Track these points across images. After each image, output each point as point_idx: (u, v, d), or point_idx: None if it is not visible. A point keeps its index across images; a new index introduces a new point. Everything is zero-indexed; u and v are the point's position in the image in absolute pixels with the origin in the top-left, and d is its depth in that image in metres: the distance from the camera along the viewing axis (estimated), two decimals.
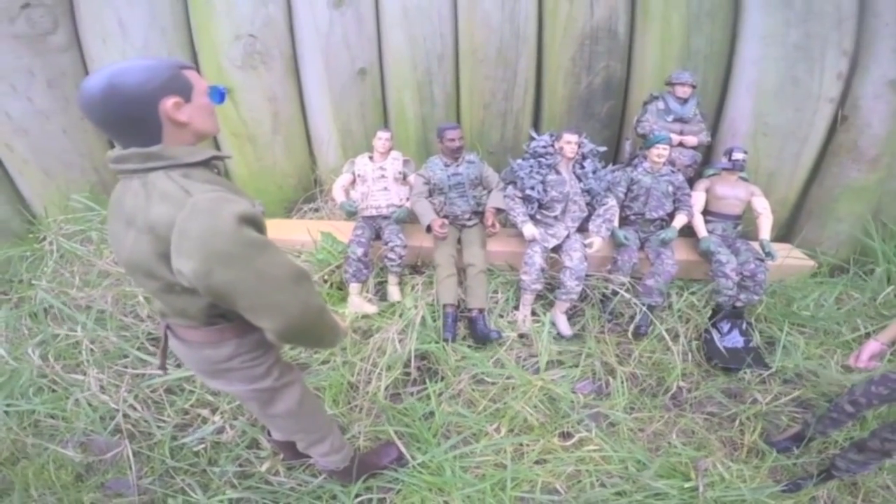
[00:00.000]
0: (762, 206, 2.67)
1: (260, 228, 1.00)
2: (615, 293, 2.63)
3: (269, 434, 1.87)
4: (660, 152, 2.66)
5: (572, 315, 2.74)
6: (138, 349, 2.28)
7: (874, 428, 1.87)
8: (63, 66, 2.71)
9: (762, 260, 2.55)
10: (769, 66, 2.80)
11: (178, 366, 2.24)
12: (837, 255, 2.97)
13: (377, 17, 3.10)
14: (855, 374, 2.40)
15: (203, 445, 2.05)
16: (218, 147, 2.99)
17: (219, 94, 1.13)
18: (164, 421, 2.12)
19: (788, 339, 2.56)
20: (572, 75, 3.16)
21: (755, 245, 2.66)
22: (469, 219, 2.76)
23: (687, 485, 1.98)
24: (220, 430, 2.09)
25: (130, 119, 0.95)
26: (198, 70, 2.85)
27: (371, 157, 2.75)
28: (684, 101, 2.82)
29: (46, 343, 2.28)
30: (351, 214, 2.60)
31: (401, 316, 2.49)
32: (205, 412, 2.15)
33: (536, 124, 3.41)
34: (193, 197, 0.91)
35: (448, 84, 3.27)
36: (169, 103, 0.97)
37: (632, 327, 2.60)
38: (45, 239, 2.73)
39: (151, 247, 0.96)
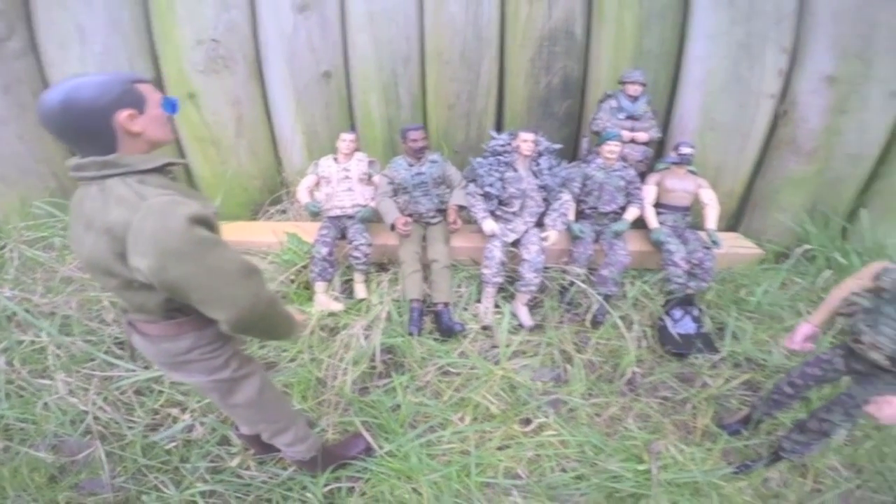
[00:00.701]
0: (708, 197, 2.83)
1: (211, 228, 1.09)
2: (572, 284, 2.77)
3: (237, 429, 1.94)
4: (611, 149, 2.79)
5: (533, 306, 2.87)
6: (105, 353, 2.32)
7: (814, 408, 1.96)
8: (18, 73, 2.72)
9: (709, 248, 2.71)
10: (715, 63, 2.96)
11: (147, 367, 2.29)
12: (781, 243, 3.15)
13: (343, 20, 3.18)
14: (800, 357, 2.54)
15: (174, 444, 2.10)
16: (182, 151, 3.03)
17: (171, 105, 1.21)
18: (134, 421, 2.16)
19: (737, 325, 2.70)
20: (532, 76, 3.28)
21: (703, 234, 2.82)
22: (433, 216, 2.86)
23: (640, 467, 2.07)
24: (191, 429, 2.15)
25: (87, 131, 1.03)
26: (159, 77, 2.92)
27: (335, 159, 2.82)
28: (635, 98, 2.96)
29: (11, 349, 2.29)
30: (315, 215, 2.67)
31: (367, 312, 2.58)
32: (175, 411, 2.20)
33: (499, 124, 3.52)
34: (147, 201, 1.00)
35: (414, 86, 3.36)
36: (123, 115, 1.05)
37: (589, 316, 2.75)
38: (4, 246, 2.72)
39: (109, 247, 1.04)
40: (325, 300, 2.61)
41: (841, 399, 1.81)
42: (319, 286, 2.62)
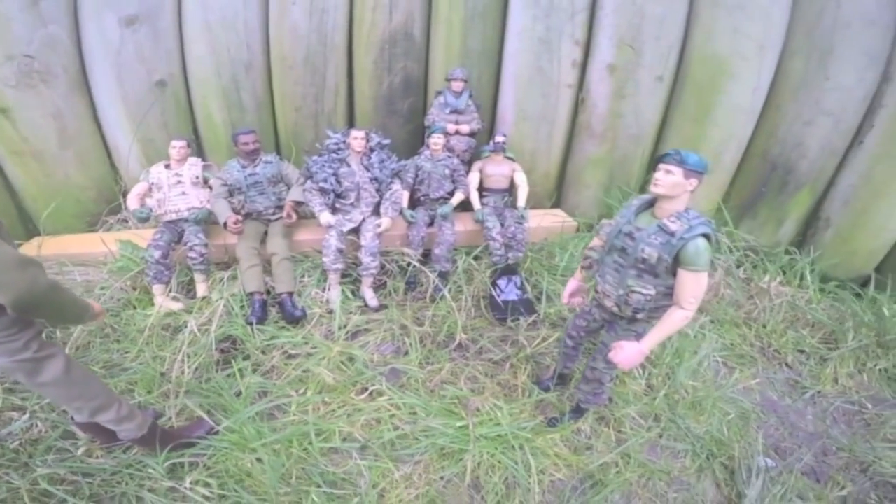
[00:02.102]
0: (520, 179, 3.28)
1: None
2: (409, 264, 3.12)
3: (73, 419, 2.03)
4: (436, 140, 3.15)
5: (380, 288, 3.17)
6: None
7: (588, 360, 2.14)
8: None
9: (520, 223, 3.15)
10: (522, 58, 3.38)
11: None
12: (591, 216, 3.68)
13: (180, 30, 3.27)
14: None
15: (18, 442, 2.14)
16: (0, 166, 3.02)
17: None
18: None
19: (551, 289, 3.13)
20: (375, 77, 3.55)
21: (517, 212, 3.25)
22: (273, 213, 3.07)
23: (459, 424, 2.30)
24: (30, 427, 2.20)
25: None
26: None
27: (168, 165, 2.93)
28: (459, 94, 3.34)
29: None
30: (143, 220, 2.76)
31: (207, 309, 2.74)
32: (15, 415, 2.23)
33: (351, 123, 3.78)
34: None
35: (259, 90, 3.52)
36: None
37: (429, 292, 3.10)
38: None
39: None
40: (164, 301, 2.73)
41: (600, 348, 2.02)
42: (157, 289, 2.73)
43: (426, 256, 3.24)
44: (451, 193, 3.28)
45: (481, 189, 3.32)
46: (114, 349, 2.60)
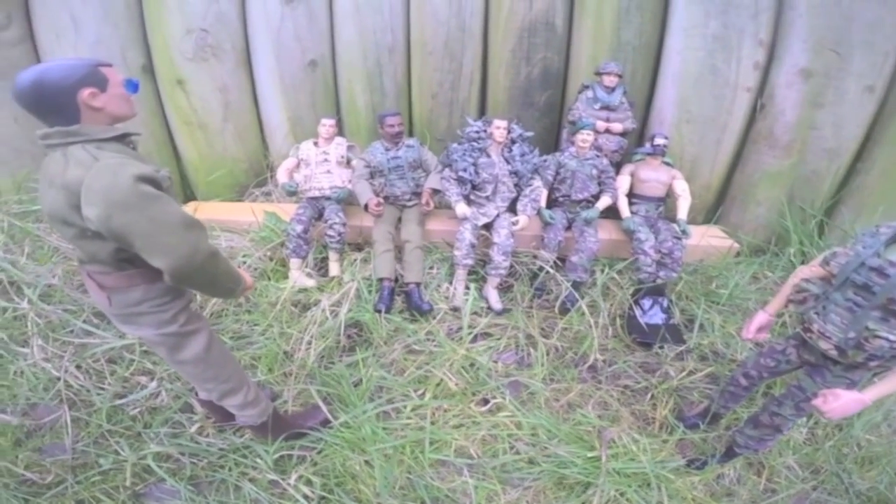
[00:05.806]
0: (681, 188, 2.70)
1: (158, 187, 1.16)
2: (542, 269, 2.67)
3: (196, 395, 1.90)
4: (584, 137, 2.69)
5: (505, 290, 2.77)
6: (84, 322, 2.28)
7: (765, 402, 1.83)
8: (14, 59, 2.70)
9: (679, 238, 2.58)
10: (690, 56, 2.81)
11: (121, 336, 2.25)
12: (757, 237, 2.99)
13: (330, 11, 3.13)
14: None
15: (138, 410, 2.06)
16: (170, 133, 3.05)
17: (132, 86, 1.32)
18: (104, 389, 2.12)
19: (706, 317, 2.55)
20: (512, 66, 3.16)
21: (675, 225, 2.68)
22: (409, 199, 2.81)
23: (590, 454, 1.97)
24: (156, 395, 2.11)
25: (53, 105, 1.13)
26: (150, 64, 2.93)
27: (316, 143, 2.78)
28: (611, 89, 2.83)
29: None
30: (291, 194, 2.64)
31: (338, 289, 2.52)
32: (144, 380, 2.16)
33: (482, 113, 3.41)
34: (100, 162, 1.09)
35: (399, 75, 3.28)
36: (85, 93, 1.15)
37: (558, 302, 2.64)
38: None
39: (65, 200, 1.12)
40: (298, 276, 2.57)
41: (791, 392, 1.69)
42: (294, 262, 2.58)
43: (559, 262, 2.77)
44: (596, 197, 2.78)
45: (630, 195, 2.79)
46: (244, 320, 2.46)
